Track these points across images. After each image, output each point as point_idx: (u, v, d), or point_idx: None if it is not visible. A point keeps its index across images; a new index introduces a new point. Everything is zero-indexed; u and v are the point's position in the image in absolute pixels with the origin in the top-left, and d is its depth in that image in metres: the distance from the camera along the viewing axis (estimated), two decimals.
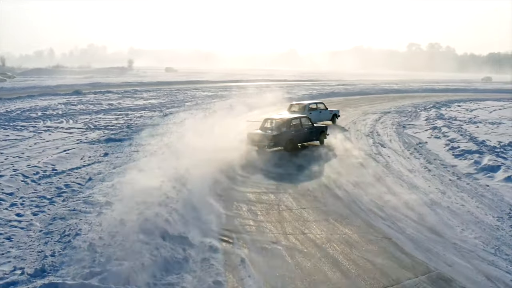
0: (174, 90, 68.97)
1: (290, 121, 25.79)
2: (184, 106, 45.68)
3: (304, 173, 20.68)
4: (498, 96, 73.36)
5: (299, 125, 26.09)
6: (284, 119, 26.00)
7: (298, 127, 25.95)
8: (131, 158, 21.58)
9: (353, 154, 24.59)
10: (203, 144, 23.70)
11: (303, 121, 26.58)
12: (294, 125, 25.79)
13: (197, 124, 30.35)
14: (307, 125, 26.66)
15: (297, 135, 25.79)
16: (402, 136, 30.49)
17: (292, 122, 25.80)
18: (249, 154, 23.80)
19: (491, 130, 33.20)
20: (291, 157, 23.75)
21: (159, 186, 15.87)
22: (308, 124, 26.75)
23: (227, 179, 19.28)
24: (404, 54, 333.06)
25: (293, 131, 25.53)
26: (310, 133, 26.75)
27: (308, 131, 26.55)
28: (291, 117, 26.72)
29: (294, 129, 25.64)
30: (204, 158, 21.06)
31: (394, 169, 21.22)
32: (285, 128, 25.20)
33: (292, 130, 25.49)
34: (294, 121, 26.04)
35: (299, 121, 26.28)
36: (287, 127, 25.33)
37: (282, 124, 25.34)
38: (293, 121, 25.99)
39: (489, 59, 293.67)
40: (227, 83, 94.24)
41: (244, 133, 26.23)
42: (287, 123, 25.53)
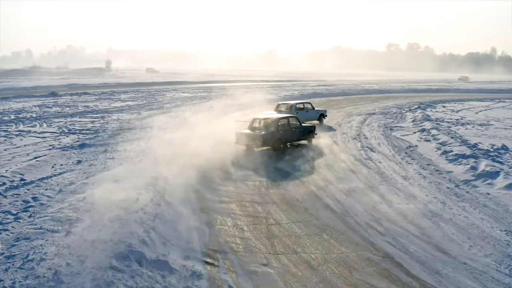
0: (152, 91, 67.18)
1: (278, 121, 25.62)
2: (163, 108, 44.11)
3: (292, 181, 19.31)
4: (480, 96, 73.00)
5: (287, 125, 26.03)
6: (272, 119, 25.84)
7: (286, 126, 25.89)
8: (106, 166, 20.01)
9: (342, 159, 23.39)
10: (183, 149, 22.55)
11: (291, 121, 26.52)
12: (282, 125, 25.69)
13: (177, 128, 28.91)
14: (295, 124, 26.61)
15: (284, 135, 25.74)
16: (391, 139, 29.32)
17: (280, 122, 25.67)
18: (232, 159, 22.70)
19: (481, 132, 32.18)
20: (276, 163, 22.43)
21: (136, 199, 14.38)
22: (296, 123, 26.71)
23: (210, 189, 17.90)
24: (383, 54, 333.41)
25: (281, 131, 25.45)
26: (298, 133, 26.73)
27: (296, 131, 26.54)
28: (279, 117, 26.48)
29: (282, 129, 25.56)
30: (184, 165, 19.88)
31: (387, 176, 19.97)
32: (273, 128, 25.17)
33: (280, 130, 25.40)
34: (282, 121, 25.92)
35: (287, 121, 26.20)
36: (275, 127, 25.26)
37: (270, 124, 25.31)
38: (281, 121, 25.85)
39: (468, 58, 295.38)
40: (207, 83, 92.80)
41: (226, 136, 25.61)
42: (275, 123, 25.42)
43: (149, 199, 14.59)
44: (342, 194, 17.43)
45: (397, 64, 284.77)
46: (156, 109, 43.73)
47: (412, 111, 46.25)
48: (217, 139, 25.30)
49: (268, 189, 18.06)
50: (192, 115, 36.70)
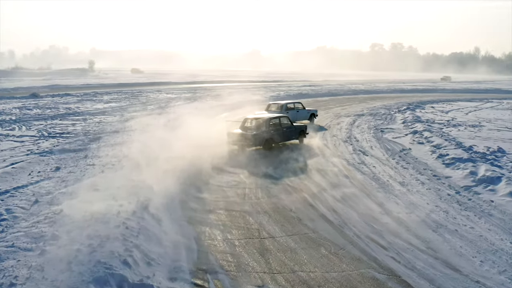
0: (136, 92, 65.74)
1: (269, 121, 25.76)
2: (147, 110, 42.85)
3: (283, 188, 18.23)
4: (468, 96, 72.73)
5: (278, 125, 26.18)
6: (263, 119, 25.92)
7: (277, 126, 26.05)
8: (86, 173, 18.73)
9: (334, 163, 22.40)
10: (167, 153, 21.55)
11: (283, 120, 26.67)
12: (273, 125, 25.86)
13: (161, 131, 27.76)
14: (286, 124, 26.77)
15: (276, 135, 25.87)
16: (383, 141, 28.40)
17: (271, 122, 25.84)
18: (219, 164, 21.77)
19: (474, 134, 31.40)
20: (266, 168, 21.33)
21: (117, 212, 13.17)
22: (287, 123, 26.88)
23: (197, 197, 16.83)
24: (367, 54, 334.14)
25: (272, 130, 25.60)
26: (289, 133, 26.91)
27: (287, 131, 26.71)
28: (270, 117, 26.57)
29: (273, 129, 25.71)
30: (169, 171, 18.83)
31: (384, 182, 18.98)
32: (264, 128, 25.30)
33: (271, 130, 25.54)
34: (273, 121, 26.09)
35: (279, 121, 26.37)
36: (266, 127, 25.38)
37: (262, 124, 25.43)
38: (272, 120, 26.02)
39: (452, 58, 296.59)
40: (191, 84, 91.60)
41: (213, 139, 25.16)
42: (266, 123, 25.54)
43: (131, 211, 13.40)
44: (338, 202, 16.42)
45: (381, 64, 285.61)
46: (140, 110, 42.45)
47: (401, 112, 45.42)
48: (203, 143, 24.31)
49: (258, 197, 16.99)
50: (176, 117, 35.51)
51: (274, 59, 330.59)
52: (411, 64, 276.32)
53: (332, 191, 17.69)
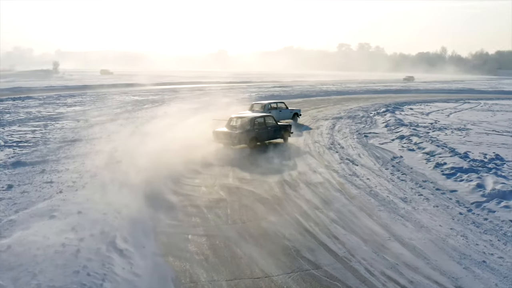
0: (101, 95, 62.48)
1: (254, 120, 26.41)
2: (112, 114, 40.03)
3: (271, 207, 15.84)
4: (443, 97, 71.77)
5: (263, 124, 26.85)
6: (249, 118, 26.53)
7: (262, 125, 26.72)
8: (42, 194, 15.91)
9: (323, 175, 20.13)
10: (136, 167, 19.00)
11: (267, 119, 27.34)
12: (258, 124, 26.53)
13: (128, 139, 25.22)
14: (271, 123, 27.41)
15: (260, 133, 26.54)
16: (370, 148, 26.27)
17: (256, 121, 26.48)
18: (194, 179, 19.41)
19: (464, 139, 29.50)
20: (249, 184, 18.90)
21: (76, 251, 10.61)
22: (272, 122, 27.48)
23: (173, 223, 14.32)
24: (334, 54, 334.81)
25: (257, 129, 26.27)
26: (274, 131, 27.57)
27: (272, 130, 27.35)
28: (255, 116, 27.24)
29: (258, 128, 26.38)
30: (139, 189, 16.34)
31: (383, 198, 16.75)
32: (249, 127, 25.87)
33: (256, 129, 26.22)
34: (258, 120, 26.76)
35: (263, 120, 27.05)
36: (251, 126, 25.97)
37: (247, 123, 26.02)
38: (257, 119, 26.68)
39: (419, 58, 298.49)
40: (159, 86, 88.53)
41: (185, 149, 23.16)
42: (251, 122, 26.12)
43: (94, 249, 10.84)
44: (337, 225, 14.10)
45: (349, 64, 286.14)
46: (105, 115, 39.60)
47: (380, 114, 43.46)
48: (175, 153, 22.00)
49: (244, 220, 14.58)
50: (144, 122, 32.99)
51: (242, 60, 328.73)
52: (379, 64, 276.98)
53: (327, 210, 15.39)
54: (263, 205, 15.99)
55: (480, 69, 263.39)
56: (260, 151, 25.29)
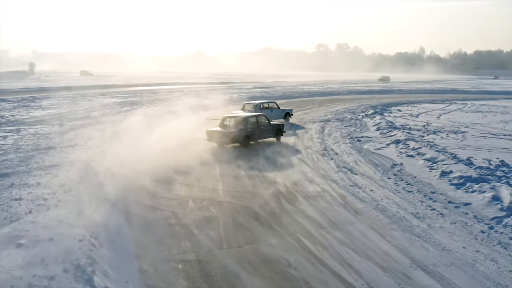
0: (78, 97, 59.60)
1: (247, 119, 26.82)
2: (90, 118, 37.84)
3: (268, 226, 13.98)
4: (428, 98, 71.26)
5: (256, 123, 27.26)
6: (242, 117, 26.97)
7: (254, 124, 27.14)
8: (9, 214, 13.60)
9: (322, 186, 18.38)
10: (115, 179, 17.17)
11: (260, 119, 27.77)
12: (251, 123, 26.96)
13: (106, 146, 23.22)
14: (264, 123, 27.83)
15: (253, 133, 26.99)
16: (366, 154, 24.62)
17: (249, 120, 26.92)
18: (180, 193, 17.55)
19: (462, 143, 28.15)
20: (242, 198, 17.07)
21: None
22: (265, 122, 27.92)
23: (157, 248, 12.35)
24: (313, 54, 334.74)
25: (249, 128, 26.70)
26: (266, 131, 28.00)
27: (265, 129, 27.81)
28: (248, 115, 27.67)
29: (250, 127, 26.82)
30: (119, 206, 14.57)
31: (393, 214, 14.99)
32: (242, 126, 26.26)
33: (248, 128, 26.63)
34: (251, 119, 27.18)
35: (256, 119, 27.44)
36: (244, 125, 26.37)
37: (240, 122, 26.45)
38: (250, 119, 27.11)
39: (397, 58, 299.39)
40: (137, 87, 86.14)
41: (169, 158, 21.54)
42: (244, 121, 26.54)
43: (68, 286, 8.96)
44: (348, 249, 12.29)
45: (327, 65, 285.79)
46: (82, 118, 37.41)
47: (369, 116, 41.92)
48: (158, 162, 20.26)
49: (240, 244, 12.69)
50: (123, 127, 30.91)
51: (220, 60, 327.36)
52: (358, 64, 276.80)
53: (333, 230, 13.60)
54: (260, 224, 14.12)
55: (459, 69, 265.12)
56: (251, 159, 23.51)
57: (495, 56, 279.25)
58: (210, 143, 26.17)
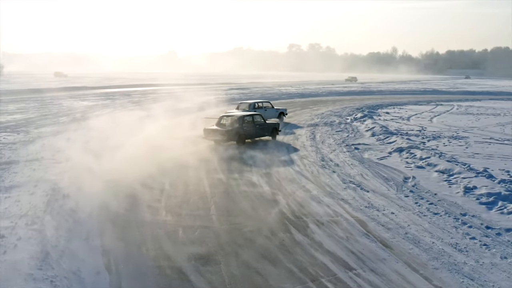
0: (47, 100, 55.90)
1: (243, 118, 27.70)
2: (59, 124, 34.70)
3: (285, 269, 11.24)
4: (411, 99, 69.59)
5: (251, 122, 28.10)
6: (238, 116, 27.75)
7: (250, 123, 27.97)
8: None
9: (333, 208, 15.72)
10: (88, 204, 14.46)
11: (256, 118, 28.64)
12: (246, 122, 27.78)
13: (76, 161, 20.17)
14: (259, 122, 28.64)
15: (249, 131, 27.84)
16: (370, 165, 22.09)
17: (245, 119, 27.76)
18: (164, 215, 14.86)
19: (468, 150, 25.99)
20: (243, 226, 14.32)
21: None
22: (260, 121, 28.72)
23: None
24: (285, 54, 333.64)
25: (245, 127, 27.53)
26: (261, 129, 28.78)
27: (260, 128, 28.61)
28: (244, 115, 28.49)
29: (246, 126, 27.63)
30: (92, 243, 11.77)
31: (430, 247, 12.35)
32: (237, 125, 27.07)
33: (244, 127, 27.46)
34: (247, 118, 28.04)
35: (252, 118, 28.30)
36: (239, 124, 27.20)
37: (236, 121, 27.21)
38: (245, 118, 27.96)
39: (370, 58, 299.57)
40: (109, 89, 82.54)
41: (153, 173, 19.46)
42: (240, 120, 27.37)
43: None
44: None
45: (300, 65, 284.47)
46: (50, 125, 34.28)
47: (359, 120, 39.56)
48: (139, 179, 17.61)
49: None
50: (96, 134, 27.86)
51: (191, 61, 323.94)
52: (331, 64, 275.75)
53: (365, 272, 10.91)
54: (272, 264, 11.37)
55: (431, 69, 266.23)
56: (244, 172, 20.78)
57: (467, 56, 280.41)
58: (202, 143, 26.85)
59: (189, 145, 25.93)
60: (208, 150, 25.77)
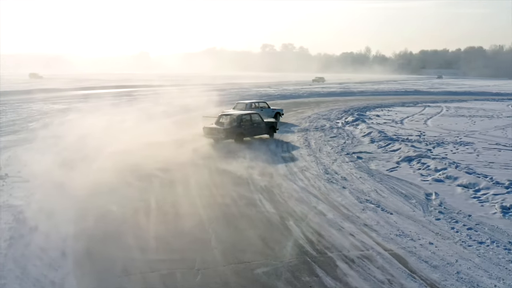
0: (15, 104, 52.07)
1: (241, 117, 28.60)
2: (27, 131, 31.67)
3: None
4: (396, 100, 68.06)
5: (249, 121, 29.00)
6: (236, 115, 28.69)
7: (248, 122, 28.87)
8: None
9: (357, 237, 13.22)
10: (60, 239, 11.84)
11: (253, 117, 29.58)
12: (244, 120, 28.66)
13: (45, 179, 17.39)
14: (257, 120, 29.57)
15: (247, 129, 28.70)
16: (381, 179, 19.69)
17: (243, 118, 28.65)
18: (153, 245, 12.30)
19: (480, 158, 24.18)
20: (253, 267, 11.70)
21: None
22: (258, 119, 29.62)
23: None
24: (258, 55, 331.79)
25: (243, 125, 28.41)
26: (259, 128, 29.66)
27: (258, 126, 29.51)
28: (242, 114, 29.55)
29: (244, 124, 28.50)
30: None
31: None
32: (236, 123, 27.92)
33: (242, 125, 28.33)
34: (245, 117, 28.97)
35: (250, 117, 29.26)
36: (238, 122, 28.07)
37: (234, 120, 28.05)
38: (244, 117, 28.89)
39: (343, 58, 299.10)
40: (81, 90, 78.76)
41: (131, 189, 17.20)
42: (238, 119, 28.23)
43: None
44: None
45: (275, 65, 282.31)
46: (18, 132, 31.27)
47: (351, 124, 37.43)
48: (117, 198, 15.02)
49: None
50: (68, 144, 25.08)
51: (164, 61, 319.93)
52: (305, 64, 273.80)
53: None
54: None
55: (405, 69, 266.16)
56: (242, 191, 18.16)
57: (441, 55, 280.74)
58: (185, 151, 25.62)
59: (171, 155, 23.33)
60: (196, 160, 23.13)
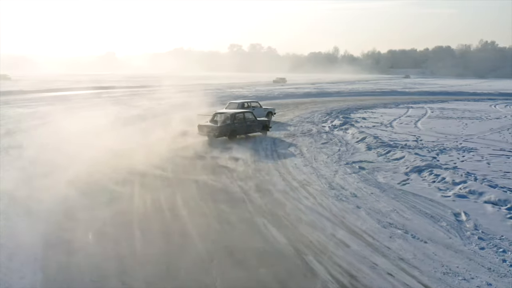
0: None
1: (234, 115, 29.50)
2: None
3: None
4: (376, 101, 66.17)
5: (242, 119, 29.98)
6: (229, 113, 29.58)
7: (241, 120, 29.82)
8: None
9: (397, 276, 10.92)
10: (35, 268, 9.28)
11: (246, 115, 30.59)
12: (238, 119, 29.59)
13: (6, 202, 14.77)
14: (250, 119, 30.60)
15: (240, 127, 29.66)
16: (395, 195, 17.38)
17: (236, 116, 29.59)
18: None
19: (493, 167, 22.23)
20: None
21: None
22: (251, 118, 30.69)
23: None
24: (226, 55, 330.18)
25: (236, 123, 29.35)
26: (252, 126, 30.70)
27: (251, 124, 30.56)
28: (235, 112, 30.48)
29: (237, 122, 29.45)
30: None
31: None
32: (229, 121, 28.90)
33: (235, 123, 29.28)
34: (238, 115, 29.92)
35: (243, 116, 30.28)
36: (231, 120, 29.02)
37: (227, 118, 29.03)
38: (237, 115, 29.83)
39: (311, 58, 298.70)
40: (48, 92, 74.94)
41: (107, 210, 14.69)
42: (231, 117, 29.17)
43: None
44: None
45: (243, 65, 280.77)
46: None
47: (339, 128, 35.00)
48: (91, 221, 12.74)
49: None
50: (33, 154, 22.34)
51: (131, 62, 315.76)
52: (274, 64, 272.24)
53: None
54: None
55: (374, 68, 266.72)
56: (242, 212, 15.64)
57: (409, 55, 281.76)
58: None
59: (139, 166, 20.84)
60: (180, 176, 20.59)
